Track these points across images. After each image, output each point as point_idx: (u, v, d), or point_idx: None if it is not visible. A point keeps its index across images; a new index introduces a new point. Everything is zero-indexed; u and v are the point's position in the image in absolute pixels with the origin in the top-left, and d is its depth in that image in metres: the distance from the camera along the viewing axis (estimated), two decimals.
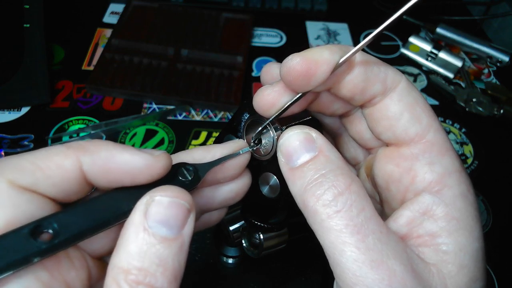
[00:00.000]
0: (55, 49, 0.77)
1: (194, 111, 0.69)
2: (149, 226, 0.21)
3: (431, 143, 0.25)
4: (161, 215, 0.21)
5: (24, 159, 0.22)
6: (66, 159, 0.22)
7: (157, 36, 0.78)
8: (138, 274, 0.20)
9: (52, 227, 0.21)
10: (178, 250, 0.21)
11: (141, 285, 0.20)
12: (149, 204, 0.22)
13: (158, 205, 0.22)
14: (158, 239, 0.21)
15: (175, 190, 0.22)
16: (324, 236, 0.22)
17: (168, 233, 0.21)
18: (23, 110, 0.66)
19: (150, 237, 0.21)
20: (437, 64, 0.79)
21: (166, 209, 0.22)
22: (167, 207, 0.22)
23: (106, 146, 0.23)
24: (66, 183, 0.22)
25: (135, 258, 0.20)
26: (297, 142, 0.25)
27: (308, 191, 0.23)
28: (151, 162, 0.23)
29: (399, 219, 0.25)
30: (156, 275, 0.20)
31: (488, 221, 0.58)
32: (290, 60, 0.24)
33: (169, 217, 0.22)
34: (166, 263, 0.21)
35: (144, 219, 0.21)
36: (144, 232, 0.21)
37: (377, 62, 0.26)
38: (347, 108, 0.29)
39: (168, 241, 0.21)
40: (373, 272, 0.21)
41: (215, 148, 0.28)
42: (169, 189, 0.22)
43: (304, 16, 0.90)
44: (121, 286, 0.20)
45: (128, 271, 0.20)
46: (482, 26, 0.94)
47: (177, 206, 0.22)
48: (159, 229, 0.21)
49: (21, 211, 0.21)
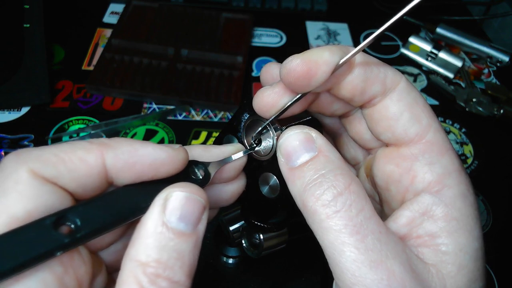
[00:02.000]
0: (55, 49, 0.77)
1: (194, 111, 0.69)
2: (168, 220, 0.21)
3: (431, 143, 0.25)
4: (179, 210, 0.22)
5: (48, 151, 0.22)
6: (89, 154, 0.22)
7: (157, 36, 0.78)
8: (157, 267, 0.20)
9: (73, 220, 0.21)
10: (193, 245, 0.22)
11: (160, 278, 0.20)
12: (167, 199, 0.22)
13: (177, 200, 0.22)
14: (176, 233, 0.21)
15: (192, 187, 0.23)
16: (323, 236, 0.22)
17: (186, 228, 0.22)
18: (23, 110, 0.66)
19: (169, 232, 0.21)
20: (437, 64, 0.79)
21: (184, 205, 0.22)
22: (185, 203, 0.22)
23: (127, 141, 0.24)
24: (88, 178, 0.22)
25: (154, 251, 0.21)
26: (297, 142, 0.25)
27: (307, 191, 0.23)
28: (173, 154, 0.24)
29: (399, 219, 0.25)
30: (175, 268, 0.21)
31: (488, 221, 0.58)
32: (290, 61, 0.24)
33: (187, 212, 0.22)
34: (183, 258, 0.21)
35: (163, 213, 0.21)
36: (163, 226, 0.21)
37: (376, 62, 0.26)
38: (347, 108, 0.29)
39: (185, 236, 0.22)
40: (372, 273, 0.21)
41: (213, 149, 0.28)
42: (187, 185, 0.23)
43: (304, 16, 0.90)
44: (140, 279, 0.20)
45: (146, 264, 0.20)
46: (482, 26, 0.94)
47: (194, 202, 0.22)
48: (178, 224, 0.21)
49: (41, 202, 0.21)
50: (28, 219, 0.20)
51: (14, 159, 0.21)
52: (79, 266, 0.22)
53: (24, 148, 0.26)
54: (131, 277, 0.20)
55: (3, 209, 0.20)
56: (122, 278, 0.21)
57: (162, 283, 0.20)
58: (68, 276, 0.21)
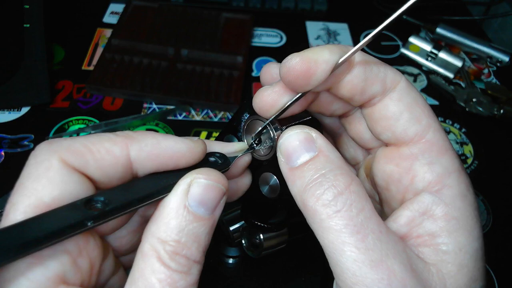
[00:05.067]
0: (55, 49, 0.77)
1: (194, 111, 0.69)
2: (189, 204, 0.23)
3: (431, 143, 0.25)
4: (201, 196, 0.23)
5: (78, 141, 0.23)
6: (116, 146, 0.24)
7: (157, 36, 0.78)
8: (177, 246, 0.22)
9: (101, 200, 0.23)
10: (210, 229, 0.24)
11: (178, 255, 0.22)
12: (191, 184, 0.23)
13: (199, 186, 0.23)
14: (196, 217, 0.23)
15: (215, 174, 0.24)
16: (323, 236, 0.22)
17: (205, 213, 0.23)
18: (23, 110, 0.66)
19: (190, 215, 0.23)
20: (437, 64, 0.79)
21: (206, 191, 0.23)
22: (207, 189, 0.24)
23: (151, 134, 0.25)
24: (113, 168, 0.24)
25: (174, 232, 0.22)
26: (297, 142, 0.25)
27: (307, 191, 0.23)
28: (193, 146, 0.25)
29: (399, 219, 0.25)
30: (192, 249, 0.23)
31: (488, 221, 0.58)
32: (289, 60, 0.24)
33: (208, 198, 0.23)
34: (200, 240, 0.23)
35: (185, 197, 0.23)
36: (184, 209, 0.23)
37: (376, 62, 0.26)
38: (347, 108, 0.29)
39: (204, 220, 0.23)
40: (373, 272, 0.21)
41: (216, 145, 0.29)
42: (210, 172, 0.24)
43: (304, 16, 0.90)
44: (160, 254, 0.22)
45: (166, 242, 0.22)
46: (482, 26, 0.94)
47: (215, 189, 0.24)
48: (198, 209, 0.23)
49: (68, 189, 0.22)
50: (55, 203, 0.21)
51: (46, 147, 0.23)
52: (92, 249, 0.23)
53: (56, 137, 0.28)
54: (152, 251, 0.22)
55: (33, 192, 0.21)
56: (143, 250, 0.22)
57: (180, 259, 0.22)
58: (82, 258, 0.22)
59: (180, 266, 0.22)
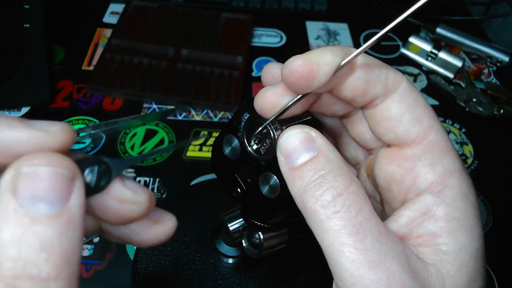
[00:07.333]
0: (55, 49, 0.77)
1: (194, 111, 0.69)
2: (21, 205, 0.17)
3: (433, 144, 0.25)
4: (34, 189, 0.17)
5: None
6: None
7: (157, 36, 0.78)
8: (14, 267, 0.16)
9: None
10: (65, 227, 0.18)
11: (20, 279, 0.16)
12: (16, 180, 0.17)
13: (28, 178, 0.18)
14: (35, 218, 0.17)
15: (47, 156, 0.18)
16: (323, 236, 0.22)
17: (48, 209, 0.17)
18: (23, 110, 0.66)
19: (24, 218, 0.17)
20: (437, 64, 0.79)
21: (40, 181, 0.18)
22: (41, 178, 0.18)
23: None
24: None
25: (8, 247, 0.16)
26: (297, 141, 0.25)
27: (307, 191, 0.23)
28: (42, 141, 0.19)
29: (400, 219, 0.25)
30: (39, 263, 0.17)
31: (488, 221, 0.58)
32: (291, 62, 0.24)
33: (46, 189, 0.18)
34: (50, 246, 0.17)
35: (12, 198, 0.17)
36: (15, 213, 0.17)
37: (378, 64, 0.26)
38: (348, 109, 0.29)
39: (49, 219, 0.17)
40: (371, 273, 0.21)
41: None
42: (39, 155, 0.18)
43: (304, 16, 0.90)
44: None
45: (1, 265, 0.16)
46: (482, 26, 0.94)
47: (53, 176, 0.18)
48: (35, 207, 0.17)
49: None
50: None
51: None
52: None
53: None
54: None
55: None
56: None
57: (24, 285, 0.16)
58: None
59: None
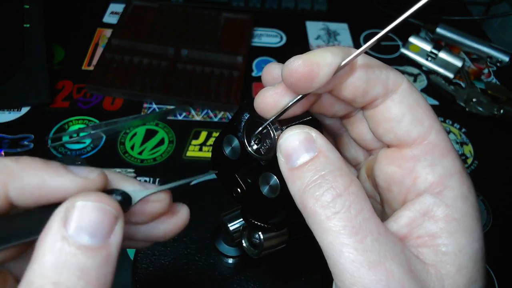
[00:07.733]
0: (55, 49, 0.77)
1: (194, 111, 0.69)
2: (69, 234, 0.19)
3: (433, 145, 0.25)
4: (83, 221, 0.19)
5: None
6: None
7: (157, 36, 0.78)
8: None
9: None
10: (103, 261, 0.19)
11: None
12: (69, 211, 0.19)
13: (80, 211, 0.19)
14: (80, 248, 0.19)
15: (99, 195, 0.20)
16: (322, 237, 0.22)
17: (92, 241, 0.19)
18: (23, 110, 0.66)
19: (70, 247, 0.18)
20: (437, 64, 0.79)
21: (88, 215, 0.19)
22: (90, 212, 0.20)
23: (35, 170, 0.21)
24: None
25: (51, 271, 0.18)
26: (297, 142, 0.25)
27: (307, 192, 0.23)
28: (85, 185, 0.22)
29: (400, 219, 0.25)
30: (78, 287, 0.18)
31: (488, 221, 0.58)
32: (292, 62, 0.24)
33: (93, 223, 0.19)
34: (88, 276, 0.18)
35: (62, 227, 0.19)
36: (63, 241, 0.19)
37: (378, 64, 0.26)
38: (348, 109, 0.29)
39: (92, 251, 0.19)
40: (371, 273, 0.21)
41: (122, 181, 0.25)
42: (92, 194, 0.20)
43: (304, 16, 0.90)
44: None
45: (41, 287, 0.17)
46: (482, 26, 0.94)
47: (101, 212, 0.20)
48: (81, 237, 0.19)
49: None
50: None
51: None
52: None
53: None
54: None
55: None
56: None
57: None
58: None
59: None
